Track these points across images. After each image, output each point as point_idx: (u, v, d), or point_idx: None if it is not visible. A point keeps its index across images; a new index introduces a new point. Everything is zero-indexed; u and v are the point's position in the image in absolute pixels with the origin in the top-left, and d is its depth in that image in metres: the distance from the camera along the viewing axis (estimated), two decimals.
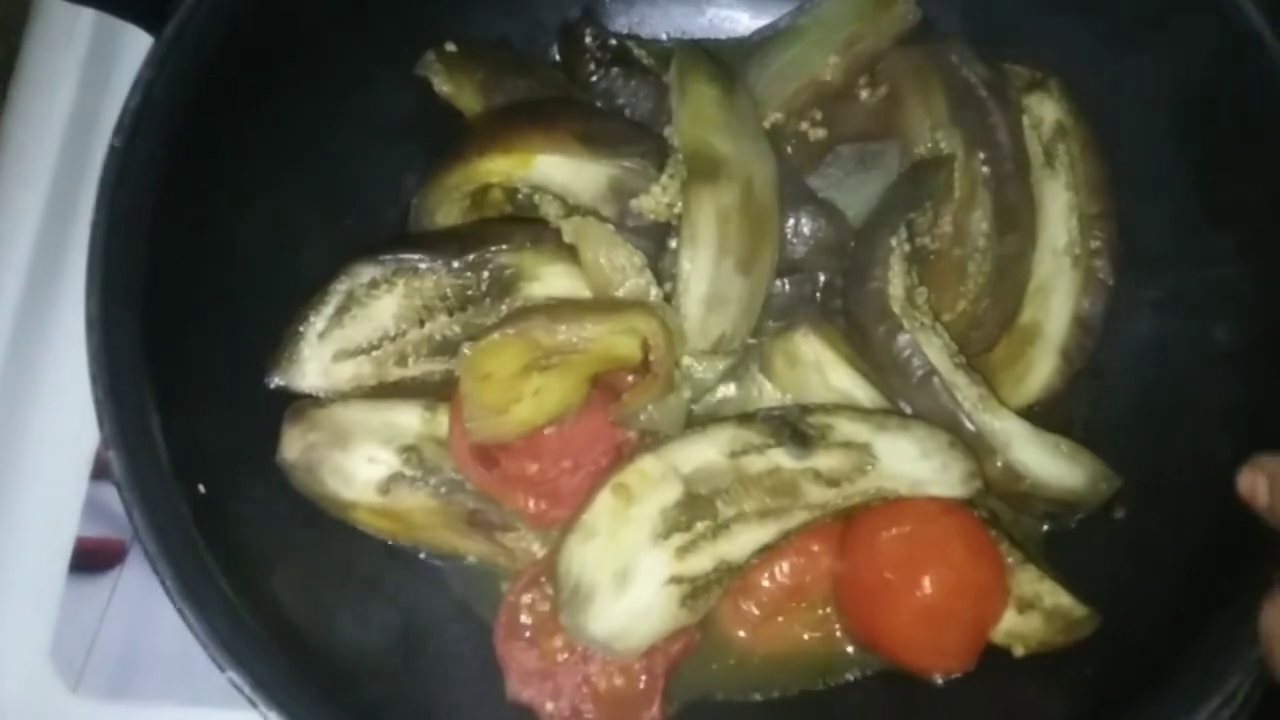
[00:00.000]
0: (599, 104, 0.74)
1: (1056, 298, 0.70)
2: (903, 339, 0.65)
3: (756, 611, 0.67)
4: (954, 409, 0.65)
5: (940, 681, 0.65)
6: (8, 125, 0.81)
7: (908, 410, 0.66)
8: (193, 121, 0.61)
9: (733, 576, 0.63)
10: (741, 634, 0.68)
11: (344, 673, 0.60)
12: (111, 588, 0.72)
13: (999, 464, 0.65)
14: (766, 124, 0.73)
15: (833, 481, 0.63)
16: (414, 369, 0.66)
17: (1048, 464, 0.66)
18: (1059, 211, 0.71)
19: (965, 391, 0.66)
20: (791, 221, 0.69)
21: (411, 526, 0.67)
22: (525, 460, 0.65)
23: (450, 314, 0.66)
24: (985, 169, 0.70)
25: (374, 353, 0.66)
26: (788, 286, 0.69)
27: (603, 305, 0.65)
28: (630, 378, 0.66)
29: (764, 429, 0.62)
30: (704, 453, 0.62)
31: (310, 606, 0.61)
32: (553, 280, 0.66)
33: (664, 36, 0.81)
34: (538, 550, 0.67)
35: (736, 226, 0.65)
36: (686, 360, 0.65)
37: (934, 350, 0.66)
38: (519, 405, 0.63)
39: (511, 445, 0.65)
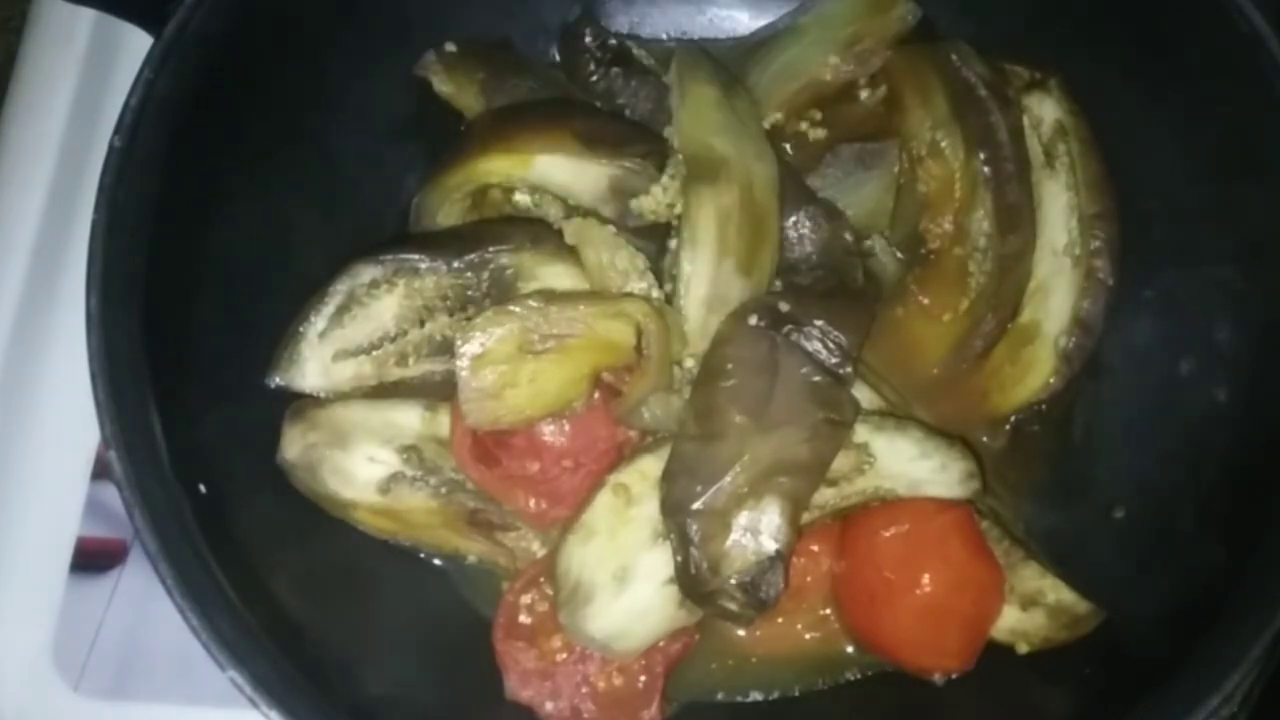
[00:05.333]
0: (599, 104, 0.74)
1: (1056, 298, 0.70)
2: None
3: None
4: None
5: (940, 681, 0.65)
6: (8, 125, 0.81)
7: None
8: (193, 121, 0.61)
9: None
10: (741, 634, 0.68)
11: (344, 673, 0.60)
12: (112, 587, 0.72)
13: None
14: (766, 124, 0.73)
15: (832, 482, 0.63)
16: (414, 369, 0.66)
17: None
18: (1059, 211, 0.71)
19: None
20: (791, 221, 0.69)
21: (411, 526, 0.67)
22: (526, 459, 0.65)
23: (450, 314, 0.66)
24: (985, 169, 0.70)
25: (374, 353, 0.66)
26: (782, 287, 0.69)
27: (596, 293, 0.65)
28: (629, 378, 0.66)
29: None
30: None
31: (310, 606, 0.61)
32: (553, 281, 0.66)
33: (664, 36, 0.81)
34: (538, 550, 0.67)
35: (737, 227, 0.65)
36: (689, 362, 0.65)
37: None
38: (515, 391, 0.62)
39: (512, 444, 0.65)
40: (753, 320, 0.63)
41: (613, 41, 0.75)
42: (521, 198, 0.72)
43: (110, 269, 0.58)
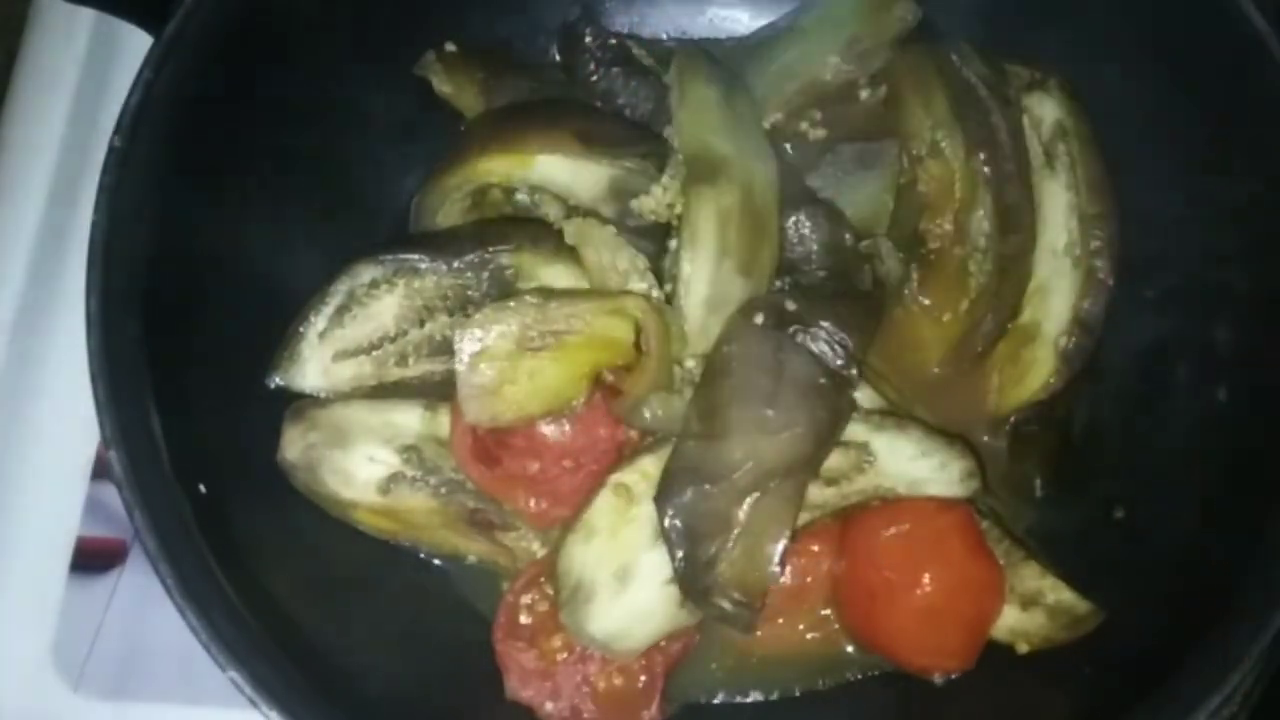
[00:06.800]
0: (599, 104, 0.74)
1: (1056, 298, 0.70)
2: None
3: None
4: None
5: (940, 681, 0.65)
6: (8, 125, 0.81)
7: None
8: (193, 121, 0.61)
9: None
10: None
11: (344, 673, 0.60)
12: (112, 587, 0.72)
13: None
14: (766, 124, 0.73)
15: (832, 480, 0.63)
16: (414, 369, 0.66)
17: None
18: (1059, 211, 0.71)
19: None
20: (791, 221, 0.69)
21: (412, 526, 0.67)
22: (526, 459, 0.65)
23: (450, 314, 0.66)
24: (985, 169, 0.70)
25: (374, 353, 0.66)
26: (787, 287, 0.69)
27: (595, 290, 0.65)
28: (629, 377, 0.66)
29: None
30: None
31: (310, 606, 0.61)
32: (553, 281, 0.66)
33: (664, 36, 0.81)
34: (538, 550, 0.67)
35: (737, 228, 0.65)
36: (690, 363, 0.65)
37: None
38: (514, 387, 0.62)
39: (512, 444, 0.65)
40: (758, 319, 0.63)
41: (613, 41, 0.75)
42: (521, 198, 0.72)
43: (110, 269, 0.58)
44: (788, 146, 0.74)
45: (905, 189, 0.73)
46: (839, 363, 0.62)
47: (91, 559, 0.72)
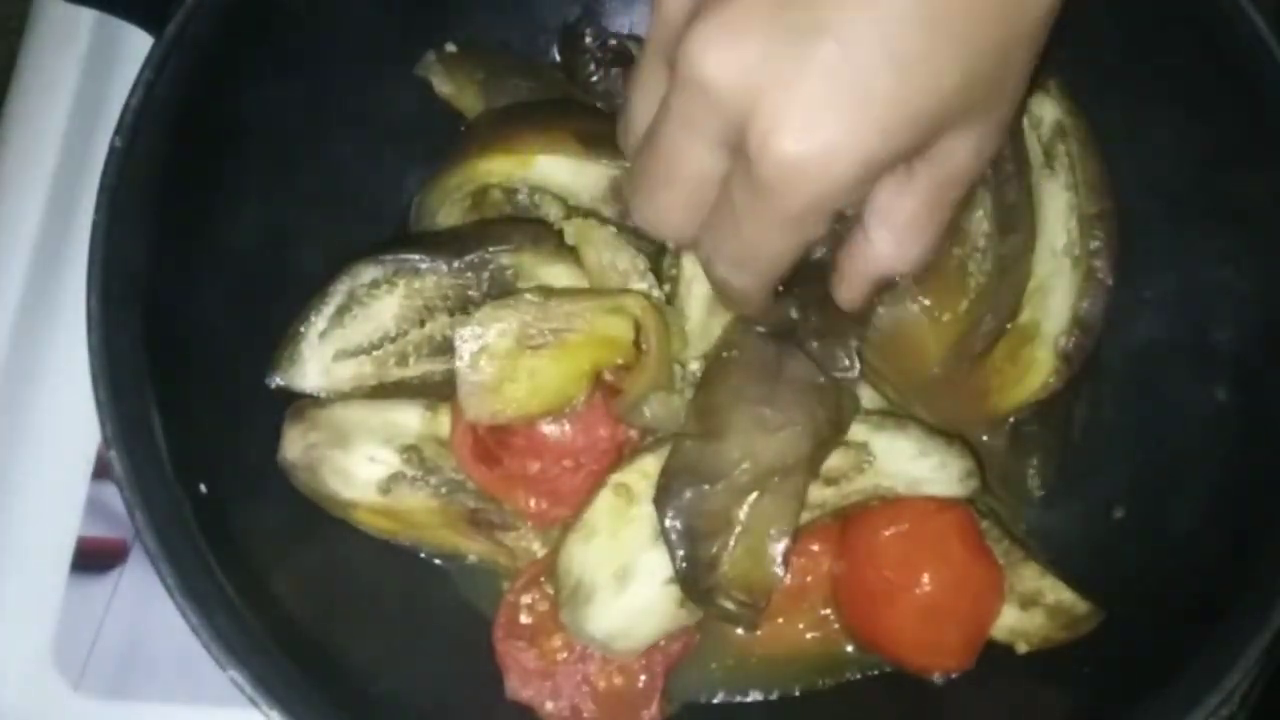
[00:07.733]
0: (599, 104, 0.74)
1: (1055, 298, 0.70)
2: None
3: None
4: None
5: (940, 681, 0.65)
6: (8, 125, 0.81)
7: None
8: (193, 121, 0.61)
9: None
10: (741, 633, 0.68)
11: (344, 672, 0.60)
12: (113, 587, 0.72)
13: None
14: None
15: (831, 480, 0.63)
16: (415, 369, 0.67)
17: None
18: (1058, 211, 0.71)
19: None
20: None
21: (412, 526, 0.67)
22: (527, 459, 0.65)
23: (450, 314, 0.66)
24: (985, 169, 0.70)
25: (375, 353, 0.66)
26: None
27: (594, 289, 0.65)
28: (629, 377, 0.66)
29: None
30: None
31: (311, 605, 0.61)
32: (553, 281, 0.66)
33: None
34: (538, 550, 0.67)
35: None
36: (692, 365, 0.65)
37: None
38: (514, 385, 0.62)
39: (513, 444, 0.65)
40: (759, 325, 0.63)
41: (613, 41, 0.75)
42: (522, 198, 0.72)
43: (110, 269, 0.58)
44: None
45: None
46: (844, 363, 0.63)
47: (91, 559, 0.72)
